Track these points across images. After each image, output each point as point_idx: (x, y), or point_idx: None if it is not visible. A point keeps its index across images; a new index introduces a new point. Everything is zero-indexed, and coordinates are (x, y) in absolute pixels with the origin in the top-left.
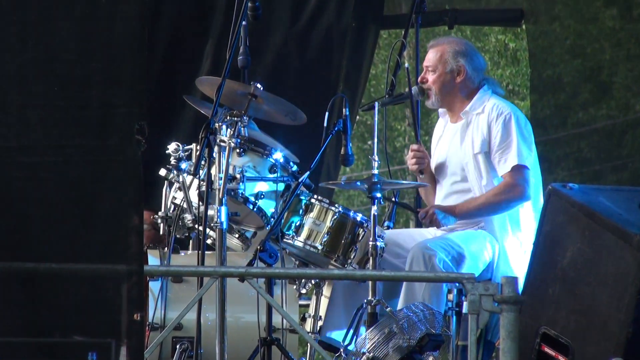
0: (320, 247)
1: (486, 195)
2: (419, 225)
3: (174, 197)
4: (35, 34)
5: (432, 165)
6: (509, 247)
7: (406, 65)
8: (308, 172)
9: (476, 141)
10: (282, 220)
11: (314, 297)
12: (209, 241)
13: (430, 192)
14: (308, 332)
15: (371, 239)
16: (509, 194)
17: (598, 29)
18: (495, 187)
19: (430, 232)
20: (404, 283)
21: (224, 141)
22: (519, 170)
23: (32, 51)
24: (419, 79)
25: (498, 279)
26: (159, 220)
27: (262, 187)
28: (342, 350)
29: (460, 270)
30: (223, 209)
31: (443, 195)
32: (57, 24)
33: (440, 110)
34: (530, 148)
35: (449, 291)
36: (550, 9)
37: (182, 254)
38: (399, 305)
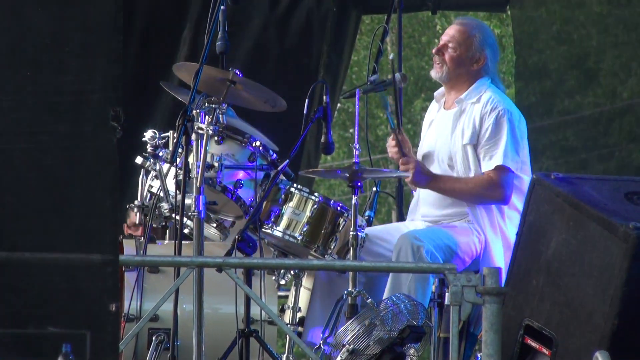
0: (299, 237)
1: (466, 182)
2: (401, 217)
3: (151, 186)
4: (6, 18)
5: (421, 150)
6: (495, 241)
7: (390, 56)
8: (287, 161)
9: (466, 132)
10: (261, 210)
11: (293, 288)
12: (186, 231)
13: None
14: (287, 324)
15: (352, 229)
16: (489, 192)
17: (585, 15)
18: (480, 177)
19: (410, 228)
20: (390, 274)
21: (201, 129)
22: (502, 171)
23: (3, 36)
24: (435, 49)
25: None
26: (135, 210)
27: (241, 175)
28: (321, 342)
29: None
30: (201, 197)
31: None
32: (30, 8)
33: (437, 93)
34: (517, 150)
35: (434, 282)
36: None
37: (159, 243)
38: (385, 296)
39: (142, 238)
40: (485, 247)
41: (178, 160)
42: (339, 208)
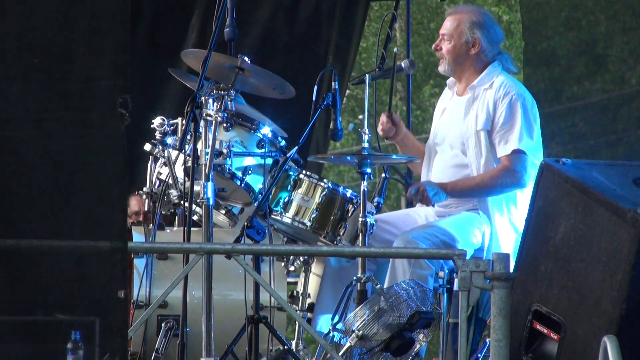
0: (309, 224)
1: (482, 177)
2: (409, 202)
3: (159, 173)
4: (15, 5)
5: (433, 136)
6: (503, 228)
7: (395, 49)
8: (296, 147)
9: (480, 117)
10: (270, 196)
11: (302, 275)
12: (195, 217)
13: (418, 166)
14: (296, 310)
15: (361, 215)
16: (505, 179)
17: (593, 1)
18: (493, 169)
19: (420, 215)
20: (389, 267)
21: (210, 115)
22: (518, 155)
23: (11, 23)
24: (434, 45)
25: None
26: (144, 196)
27: (250, 162)
28: (331, 328)
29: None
30: (209, 184)
31: (441, 168)
32: None
33: (450, 81)
34: (531, 134)
35: (441, 269)
36: None
37: (168, 230)
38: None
39: (150, 225)
40: (491, 234)
41: (187, 147)
42: (348, 194)
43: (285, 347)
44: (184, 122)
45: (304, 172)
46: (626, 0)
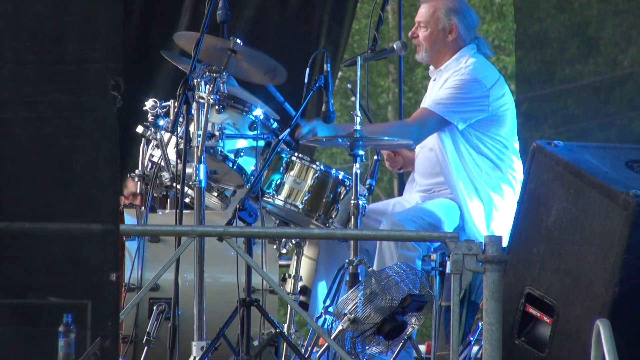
0: (301, 206)
1: (383, 125)
2: (401, 184)
3: (152, 155)
4: None
5: None
6: (474, 210)
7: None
8: (289, 129)
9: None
10: (262, 179)
11: (294, 257)
12: (187, 200)
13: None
14: (288, 293)
15: (353, 197)
16: (400, 130)
17: None
18: (403, 120)
19: (410, 202)
20: (376, 253)
21: (202, 98)
22: (426, 113)
23: (3, 5)
24: (410, 33)
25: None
26: (136, 179)
27: (242, 144)
28: (322, 311)
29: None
30: (202, 167)
31: (420, 151)
32: None
33: (430, 68)
34: (459, 110)
35: (432, 252)
36: None
37: (160, 213)
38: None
39: (142, 207)
40: (463, 216)
41: (179, 129)
42: (340, 177)
43: (277, 330)
44: (176, 104)
45: (296, 154)
46: None
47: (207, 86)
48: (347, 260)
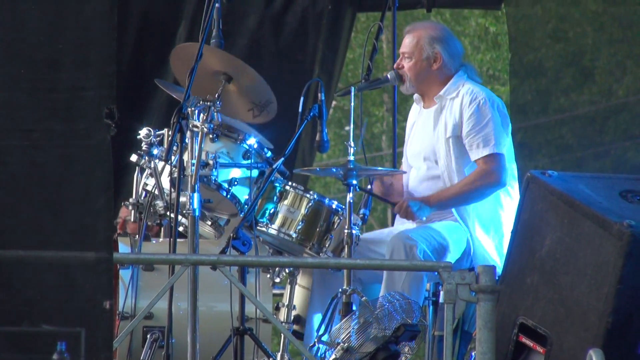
0: (294, 235)
1: (461, 184)
2: (395, 214)
3: (146, 184)
4: (1, 15)
5: (407, 152)
6: (481, 237)
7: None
8: (282, 159)
9: (449, 125)
10: (256, 208)
11: (288, 286)
12: (180, 228)
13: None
14: (282, 322)
15: (346, 227)
16: (484, 180)
17: (580, 13)
18: (470, 174)
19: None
20: (385, 273)
21: (196, 126)
22: (493, 156)
23: None
24: (395, 64)
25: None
26: (130, 207)
27: (236, 173)
28: (316, 340)
29: (443, 261)
30: (195, 195)
31: (417, 181)
32: (25, 5)
33: (415, 96)
34: (506, 135)
35: (428, 281)
36: None
37: (154, 241)
38: (381, 294)
39: (137, 236)
40: (473, 243)
41: (173, 158)
42: (333, 206)
43: (271, 359)
44: (170, 133)
45: (290, 183)
46: (613, 12)
47: (201, 115)
48: (340, 290)
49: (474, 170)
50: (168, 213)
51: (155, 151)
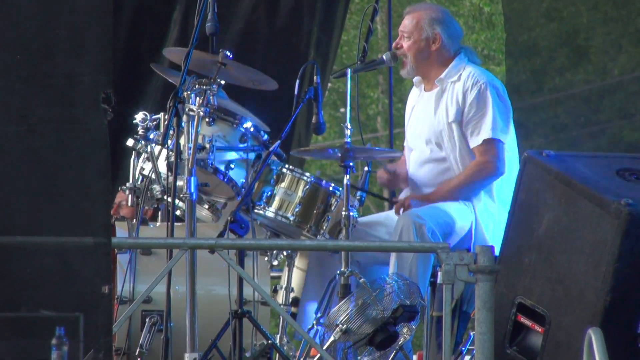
0: (292, 218)
1: (459, 178)
2: (392, 195)
3: (142, 168)
4: None
5: (407, 135)
6: (484, 217)
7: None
8: (279, 141)
9: (450, 110)
10: (253, 191)
11: (285, 269)
12: (178, 212)
13: (402, 164)
14: (280, 304)
15: (344, 208)
16: (482, 172)
17: None
18: (467, 167)
19: None
20: (393, 254)
21: (192, 110)
22: (490, 144)
23: None
24: (394, 44)
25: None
26: (127, 192)
27: (233, 156)
28: (315, 322)
29: (448, 241)
30: (192, 179)
31: (418, 164)
32: None
33: (415, 78)
34: (506, 120)
35: None
36: None
37: (151, 225)
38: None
39: (133, 220)
40: (476, 224)
41: (169, 142)
42: (330, 188)
43: (269, 341)
44: (166, 117)
45: (286, 166)
46: None
47: (197, 99)
48: (338, 272)
49: (471, 163)
50: (165, 197)
51: (151, 135)
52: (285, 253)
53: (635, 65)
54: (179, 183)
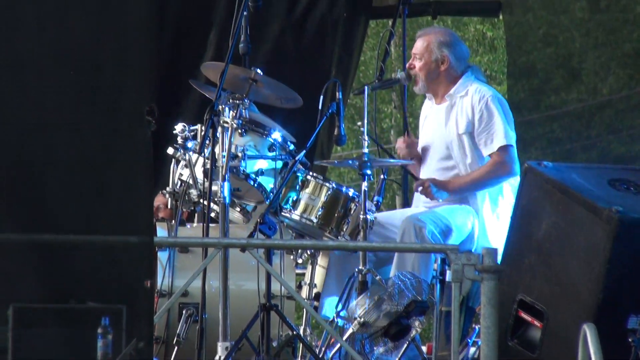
0: (315, 220)
1: (477, 172)
2: (405, 202)
3: (181, 174)
4: (50, 23)
5: (420, 145)
6: (488, 220)
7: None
8: (304, 151)
9: (460, 122)
10: (280, 195)
11: (309, 266)
12: (212, 214)
13: (414, 169)
14: (304, 299)
15: (362, 212)
16: (498, 171)
17: (569, 20)
18: (485, 164)
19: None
20: (396, 253)
21: (226, 122)
22: (505, 149)
23: (49, 38)
24: (407, 64)
25: (478, 249)
26: (167, 195)
27: (262, 164)
28: (335, 315)
29: (447, 241)
30: (226, 184)
31: (429, 173)
32: (73, 12)
33: (428, 93)
34: (512, 128)
35: (435, 261)
36: (525, 0)
37: (188, 226)
38: (391, 273)
39: (172, 221)
40: (479, 225)
41: (205, 150)
42: (350, 194)
43: (294, 332)
44: (203, 128)
45: (310, 173)
46: (598, 19)
47: (231, 112)
48: (356, 270)
49: (488, 161)
50: (201, 200)
51: (189, 144)
52: (309, 252)
53: (623, 86)
54: (214, 188)
